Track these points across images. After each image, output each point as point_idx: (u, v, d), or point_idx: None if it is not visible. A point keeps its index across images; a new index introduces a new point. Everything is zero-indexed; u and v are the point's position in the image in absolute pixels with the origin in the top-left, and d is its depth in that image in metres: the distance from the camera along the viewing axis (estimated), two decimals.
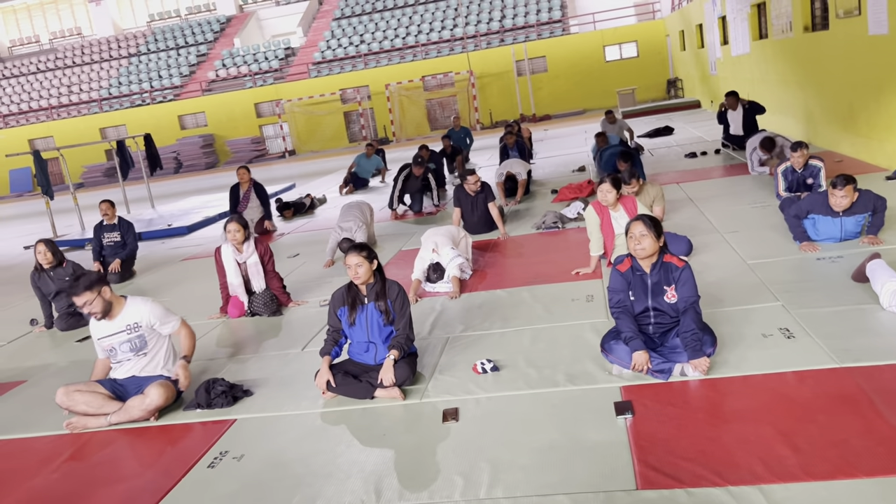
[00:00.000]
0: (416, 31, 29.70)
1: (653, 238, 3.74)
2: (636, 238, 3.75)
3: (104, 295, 4.16)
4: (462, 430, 3.50)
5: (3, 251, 13.18)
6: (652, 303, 3.80)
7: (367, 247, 4.17)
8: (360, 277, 4.07)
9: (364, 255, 4.07)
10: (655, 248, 3.77)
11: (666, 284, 3.79)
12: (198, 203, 15.17)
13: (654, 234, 3.74)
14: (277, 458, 3.49)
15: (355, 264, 4.06)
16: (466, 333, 4.81)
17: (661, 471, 2.87)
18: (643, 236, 3.73)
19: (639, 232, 3.75)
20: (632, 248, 3.79)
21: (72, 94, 32.05)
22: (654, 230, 3.75)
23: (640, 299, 3.82)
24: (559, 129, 20.95)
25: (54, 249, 6.57)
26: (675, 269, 3.79)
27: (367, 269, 4.07)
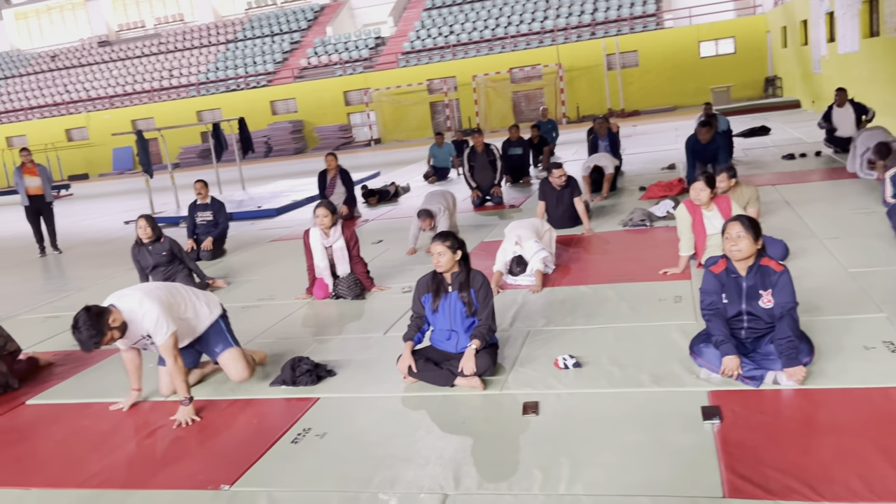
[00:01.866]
0: (505, 22, 29.54)
1: (750, 240, 3.60)
2: (732, 239, 3.62)
3: (114, 324, 3.84)
4: (542, 424, 3.47)
5: (105, 225, 13.90)
6: (746, 307, 3.66)
7: (451, 235, 4.17)
8: (441, 266, 4.08)
9: (448, 244, 4.08)
10: (753, 250, 3.62)
11: (762, 289, 3.64)
12: (286, 187, 15.59)
13: (752, 235, 3.60)
14: (358, 439, 3.55)
15: (438, 252, 4.08)
16: (548, 328, 4.76)
17: (749, 480, 2.77)
18: (740, 237, 3.60)
19: (735, 233, 3.61)
20: (727, 249, 3.66)
21: (172, 78, 33.42)
22: (753, 231, 3.60)
23: (734, 302, 3.69)
24: (648, 126, 20.47)
25: (154, 225, 6.86)
26: (773, 273, 3.64)
27: (449, 258, 4.08)
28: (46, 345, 5.86)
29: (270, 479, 3.25)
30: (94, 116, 32.38)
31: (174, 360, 3.96)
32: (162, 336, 3.94)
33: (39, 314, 7.04)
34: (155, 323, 3.91)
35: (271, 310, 6.10)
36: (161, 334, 3.93)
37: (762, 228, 3.75)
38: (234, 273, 7.85)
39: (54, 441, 4.00)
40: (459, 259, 4.14)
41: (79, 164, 32.16)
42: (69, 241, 11.71)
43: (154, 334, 3.94)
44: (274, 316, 5.89)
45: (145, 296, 3.99)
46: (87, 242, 11.91)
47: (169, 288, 4.28)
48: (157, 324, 3.92)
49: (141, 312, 3.92)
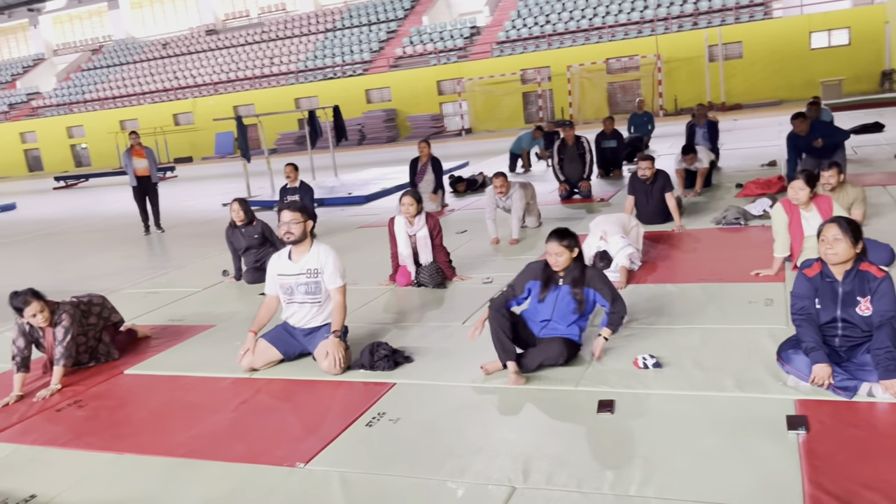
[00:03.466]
0: (603, 12, 28.96)
1: (848, 243, 3.40)
2: (829, 242, 3.43)
3: (307, 226, 4.48)
4: (617, 424, 3.41)
5: (205, 206, 14.53)
6: (841, 313, 3.47)
7: (568, 234, 4.11)
8: (559, 265, 4.09)
9: (565, 243, 4.05)
10: (850, 254, 3.42)
11: (860, 295, 3.43)
12: (377, 174, 15.85)
13: (850, 238, 3.40)
14: (431, 426, 3.58)
15: (556, 253, 4.07)
16: (630, 326, 4.65)
17: (835, 495, 2.62)
18: (837, 240, 3.40)
19: (832, 235, 3.42)
20: (823, 252, 3.47)
21: (273, 66, 34.52)
22: (851, 235, 3.40)
23: (829, 308, 3.49)
24: (750, 120, 19.65)
25: (247, 208, 7.09)
26: (874, 279, 3.43)
27: (567, 258, 4.08)
28: (145, 318, 6.18)
29: (344, 461, 3.33)
30: (199, 102, 33.86)
31: (343, 301, 4.49)
32: (336, 283, 4.47)
33: (141, 289, 7.43)
34: (334, 269, 4.48)
35: (355, 294, 6.17)
36: (336, 282, 4.48)
37: (869, 232, 3.54)
38: None
39: (147, 410, 4.23)
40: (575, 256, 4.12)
41: (184, 147, 33.74)
42: (171, 221, 12.31)
43: (330, 278, 4.46)
44: (357, 300, 5.99)
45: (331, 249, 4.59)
46: (187, 223, 12.48)
47: None
48: (336, 271, 4.48)
49: (328, 257, 4.49)
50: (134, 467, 3.54)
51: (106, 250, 10.53)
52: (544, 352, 4.00)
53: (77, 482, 3.43)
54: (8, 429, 4.11)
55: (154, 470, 3.47)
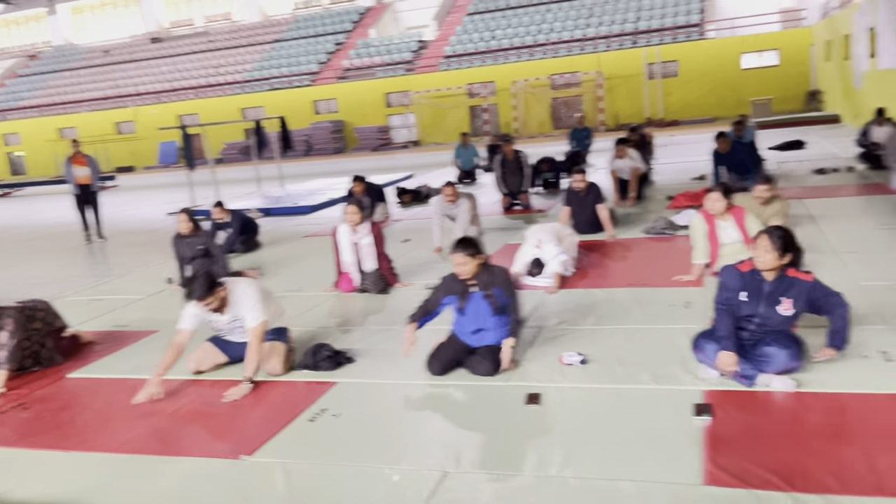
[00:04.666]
0: (547, 29, 29.66)
1: (775, 255, 3.74)
2: (759, 250, 3.80)
3: (220, 294, 4.39)
4: (543, 415, 3.68)
5: (148, 216, 14.41)
6: (763, 310, 3.82)
7: (470, 243, 4.32)
8: (465, 275, 4.29)
9: (468, 252, 4.26)
10: (777, 264, 3.77)
11: (782, 295, 3.79)
12: (323, 185, 15.97)
13: (777, 250, 3.74)
14: (370, 421, 3.80)
15: (460, 263, 4.27)
16: (559, 327, 4.95)
17: (729, 472, 2.94)
18: (766, 251, 3.76)
19: (763, 246, 3.77)
20: (755, 256, 3.84)
21: (219, 76, 34.22)
22: (780, 246, 3.74)
23: (753, 303, 3.84)
24: (686, 136, 20.43)
25: (193, 219, 7.18)
26: (801, 283, 3.79)
27: (472, 266, 4.27)
28: (89, 325, 6.22)
29: (286, 452, 3.51)
30: (141, 111, 33.32)
31: (258, 344, 4.34)
32: (255, 320, 4.36)
33: (84, 296, 7.43)
34: (251, 306, 4.39)
35: (300, 301, 6.38)
36: (254, 318, 4.36)
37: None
38: (266, 266, 8.18)
39: (91, 411, 4.32)
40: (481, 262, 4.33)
41: (125, 156, 33.11)
42: (113, 230, 12.19)
43: (247, 316, 4.38)
44: (302, 306, 6.17)
45: (248, 284, 4.53)
46: (129, 231, 12.39)
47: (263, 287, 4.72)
48: (254, 307, 4.38)
49: (242, 294, 4.43)
50: (80, 464, 3.65)
51: (46, 258, 10.40)
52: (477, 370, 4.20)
53: (24, 479, 3.53)
54: None
55: (101, 466, 3.60)
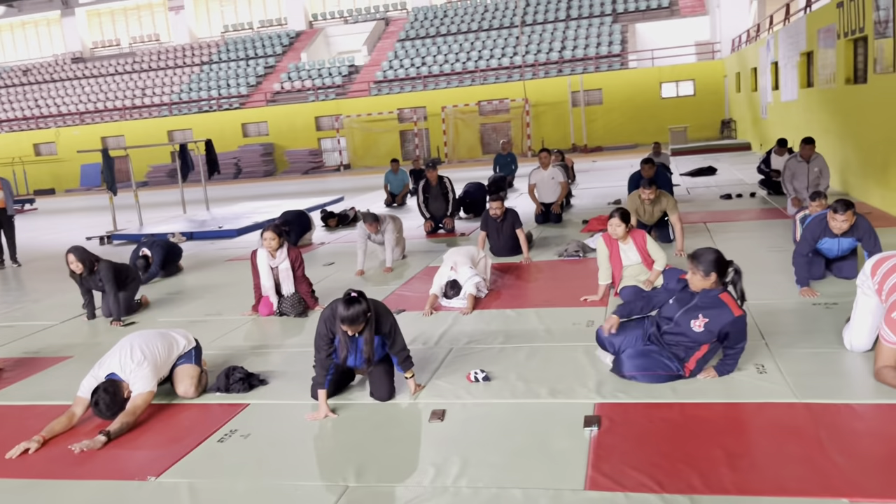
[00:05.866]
0: (476, 56, 30.34)
1: (699, 276, 4.10)
2: (689, 274, 4.18)
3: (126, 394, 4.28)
4: (445, 430, 3.86)
5: (67, 240, 14.04)
6: (679, 317, 4.14)
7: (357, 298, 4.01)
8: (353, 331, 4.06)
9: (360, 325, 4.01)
10: (704, 284, 4.11)
11: (702, 313, 4.08)
12: (250, 208, 15.89)
13: (700, 273, 4.09)
14: (278, 440, 3.91)
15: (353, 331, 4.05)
16: (470, 346, 5.17)
17: (609, 476, 3.18)
18: (692, 274, 4.14)
19: (689, 269, 4.16)
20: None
21: (145, 97, 33.63)
22: (702, 269, 4.09)
23: (675, 308, 4.20)
24: (608, 162, 21.17)
25: (84, 258, 6.66)
26: (726, 312, 4.05)
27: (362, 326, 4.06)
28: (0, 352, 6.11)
29: (194, 472, 3.59)
30: (63, 132, 32.41)
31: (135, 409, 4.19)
32: (141, 390, 4.26)
33: None
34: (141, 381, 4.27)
35: (218, 324, 6.43)
36: (141, 389, 4.26)
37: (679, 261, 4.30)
38: (187, 289, 8.16)
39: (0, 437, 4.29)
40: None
41: (46, 178, 32.10)
42: (30, 255, 11.89)
43: (136, 387, 4.27)
44: (220, 330, 6.22)
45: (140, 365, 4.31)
46: (47, 256, 12.09)
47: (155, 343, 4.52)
48: (144, 382, 4.27)
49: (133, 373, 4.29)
50: None
51: None
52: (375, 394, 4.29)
53: None
54: None
55: (6, 491, 3.59)
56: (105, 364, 4.38)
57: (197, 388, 4.57)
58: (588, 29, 30.21)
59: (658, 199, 7.73)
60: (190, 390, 4.53)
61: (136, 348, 4.40)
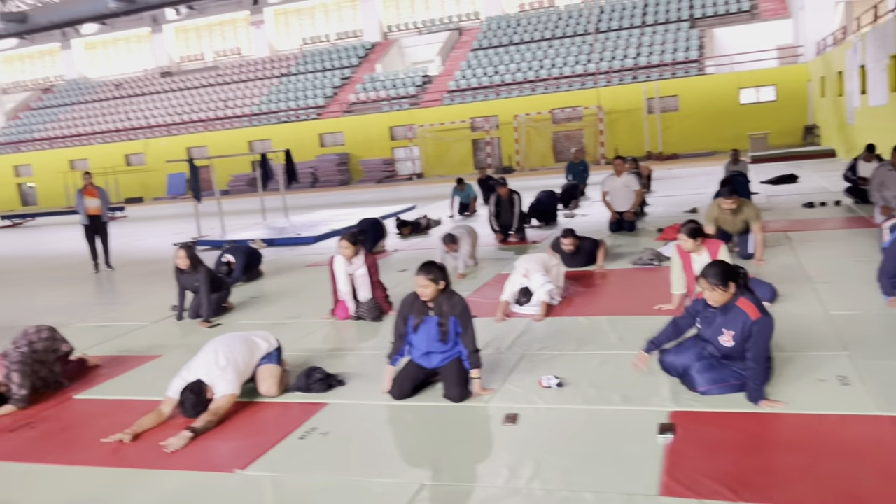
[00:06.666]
0: (549, 64, 30.26)
1: (719, 291, 4.02)
2: (705, 291, 4.11)
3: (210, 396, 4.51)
4: (518, 433, 3.92)
5: (155, 246, 14.76)
6: (710, 336, 4.10)
7: (434, 268, 4.49)
8: (426, 297, 4.50)
9: (431, 277, 4.45)
10: (725, 298, 4.04)
11: (725, 327, 4.04)
12: (326, 216, 16.33)
13: (719, 287, 4.01)
14: (356, 438, 4.05)
15: (422, 286, 4.47)
16: (541, 352, 5.21)
17: (683, 483, 3.18)
18: (709, 291, 4.06)
19: (704, 287, 4.08)
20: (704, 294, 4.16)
21: (227, 109, 34.91)
22: (721, 283, 4.00)
23: (705, 329, 4.19)
24: (684, 170, 20.78)
25: (190, 255, 7.14)
26: (746, 318, 3.97)
27: (433, 290, 4.46)
28: (95, 349, 6.49)
29: (277, 467, 3.77)
30: (151, 143, 33.97)
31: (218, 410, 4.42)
32: (225, 392, 4.48)
33: (91, 323, 7.72)
34: (225, 385, 4.51)
35: (297, 327, 6.67)
36: (225, 391, 4.49)
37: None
38: (267, 294, 8.47)
39: (96, 429, 4.57)
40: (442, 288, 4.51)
41: (135, 187, 33.69)
42: (120, 260, 12.53)
43: (220, 390, 4.50)
44: (299, 332, 6.45)
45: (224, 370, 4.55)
46: (136, 261, 12.72)
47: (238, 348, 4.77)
48: (227, 386, 4.51)
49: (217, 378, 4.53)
50: (85, 477, 3.90)
51: (56, 287, 10.73)
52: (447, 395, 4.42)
53: (34, 492, 3.78)
54: None
55: (104, 479, 3.85)
56: (192, 368, 4.62)
57: (279, 387, 4.77)
58: (664, 35, 29.71)
59: (740, 209, 7.51)
60: (272, 389, 4.73)
61: (220, 354, 4.64)
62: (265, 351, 4.88)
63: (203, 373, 4.53)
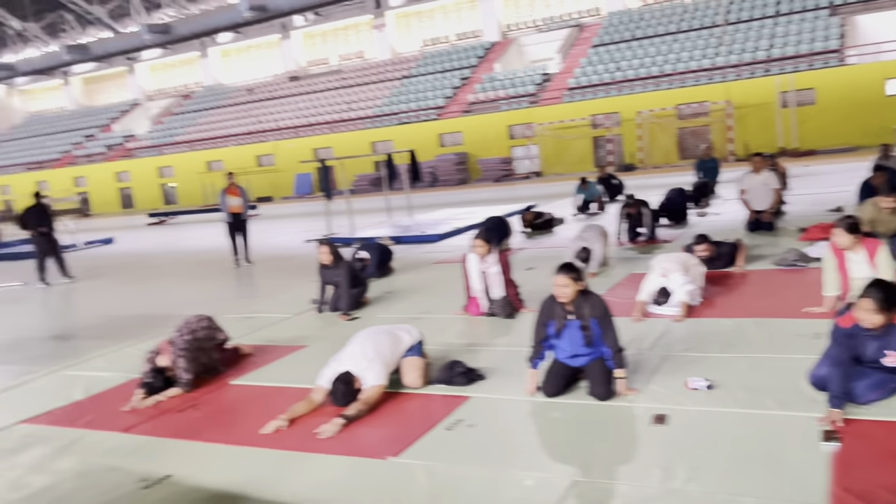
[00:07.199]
0: (674, 59, 29.34)
1: (881, 316, 3.71)
2: (860, 311, 3.77)
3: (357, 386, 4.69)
4: (668, 433, 3.85)
5: (286, 243, 15.48)
6: (870, 357, 3.86)
7: (574, 268, 4.53)
8: (564, 297, 4.48)
9: (571, 276, 4.46)
10: (880, 321, 3.73)
11: (887, 348, 3.79)
12: (448, 214, 16.58)
13: (881, 312, 3.70)
14: (504, 432, 4.11)
15: (562, 285, 4.45)
16: (685, 354, 5.07)
17: (856, 494, 3.02)
18: (869, 313, 3.73)
19: (864, 308, 3.75)
20: (857, 314, 3.81)
21: (350, 111, 36.07)
22: (884, 308, 3.69)
23: (864, 352, 3.88)
24: (823, 166, 19.61)
25: (333, 251, 7.52)
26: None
27: (572, 290, 4.45)
28: (244, 339, 6.89)
29: (427, 456, 3.88)
30: (280, 145, 35.60)
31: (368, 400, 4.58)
32: (374, 383, 4.65)
33: (237, 315, 8.20)
34: (373, 376, 4.67)
35: (431, 322, 6.80)
36: (373, 383, 4.65)
37: None
38: (399, 289, 8.70)
39: (254, 413, 4.86)
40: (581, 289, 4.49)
41: (265, 187, 35.41)
42: (257, 255, 13.21)
43: (368, 381, 4.66)
44: (432, 327, 6.56)
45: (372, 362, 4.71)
46: (271, 257, 13.39)
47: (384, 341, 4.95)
48: (375, 377, 4.67)
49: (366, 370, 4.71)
50: (247, 457, 4.16)
51: (201, 280, 11.47)
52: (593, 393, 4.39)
53: (201, 467, 4.08)
54: (141, 424, 4.83)
55: (265, 460, 4.09)
56: (341, 360, 4.83)
57: (423, 379, 4.90)
58: (800, 24, 28.12)
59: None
60: (417, 381, 4.87)
61: (368, 347, 4.83)
62: (409, 343, 5.03)
63: (352, 364, 4.73)
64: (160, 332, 6.84)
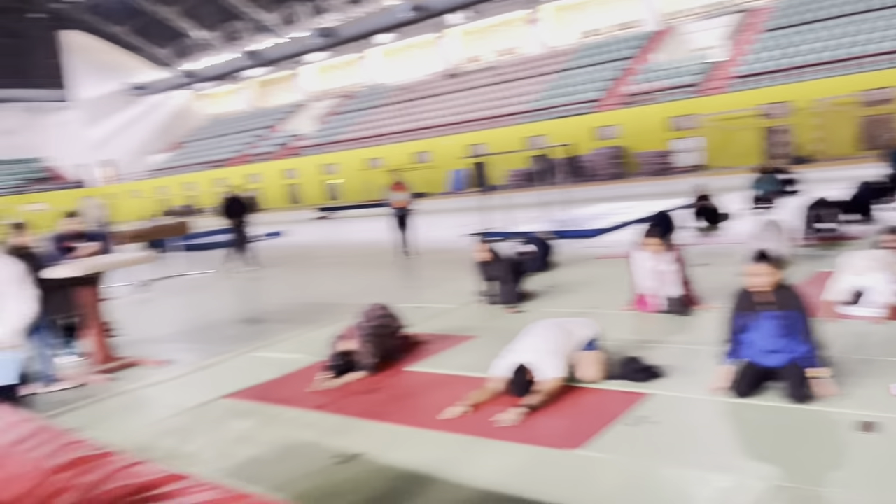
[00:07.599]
0: (850, 42, 27.01)
1: None
2: None
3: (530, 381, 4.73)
4: (877, 442, 3.58)
5: (445, 237, 15.84)
6: None
7: (771, 258, 4.35)
8: (760, 287, 4.28)
9: (770, 265, 4.28)
10: None
11: None
12: (605, 209, 16.29)
13: None
14: (690, 431, 4.00)
15: (757, 273, 4.29)
16: (887, 358, 4.69)
17: None
18: None
19: None
20: None
21: (503, 107, 36.23)
22: None
23: None
24: None
25: (489, 248, 7.67)
26: None
27: (770, 281, 4.27)
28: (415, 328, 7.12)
29: (610, 449, 3.85)
30: (436, 141, 36.41)
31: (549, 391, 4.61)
32: (553, 375, 4.68)
33: (406, 304, 8.48)
34: (551, 369, 4.71)
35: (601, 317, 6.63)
36: (553, 375, 4.68)
37: None
38: (562, 284, 8.66)
39: (432, 398, 5.02)
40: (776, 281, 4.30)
41: (420, 183, 36.23)
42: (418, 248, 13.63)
43: (547, 373, 4.69)
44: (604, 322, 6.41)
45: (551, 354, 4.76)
46: (431, 250, 13.73)
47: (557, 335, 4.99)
48: (553, 369, 4.71)
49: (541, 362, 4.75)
50: (432, 440, 4.32)
51: (368, 270, 12.00)
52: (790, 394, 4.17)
53: (390, 446, 4.28)
54: (331, 404, 5.14)
55: (449, 443, 4.23)
56: (518, 351, 4.89)
57: (601, 373, 4.86)
58: None
59: None
60: (595, 375, 4.84)
61: (545, 339, 4.87)
62: (586, 337, 5.00)
63: (530, 356, 4.77)
64: (337, 318, 7.25)
